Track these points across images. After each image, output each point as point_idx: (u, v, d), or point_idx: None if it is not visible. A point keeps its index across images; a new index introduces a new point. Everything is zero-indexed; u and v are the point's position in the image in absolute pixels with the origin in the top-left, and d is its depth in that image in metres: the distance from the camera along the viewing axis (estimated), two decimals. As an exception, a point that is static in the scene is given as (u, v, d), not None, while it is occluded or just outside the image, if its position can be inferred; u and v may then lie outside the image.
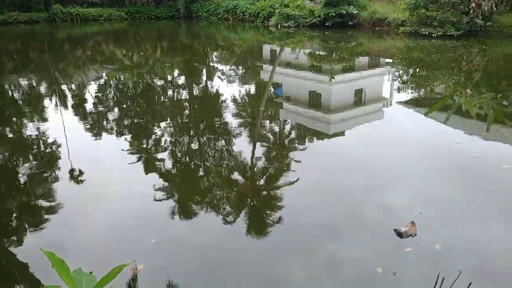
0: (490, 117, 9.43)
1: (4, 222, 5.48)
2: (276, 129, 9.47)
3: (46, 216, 5.49)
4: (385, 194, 5.88)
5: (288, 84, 14.66)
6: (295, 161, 7.23)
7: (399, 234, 4.79)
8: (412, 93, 12.66)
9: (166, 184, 6.45)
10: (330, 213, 5.36)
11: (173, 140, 8.65)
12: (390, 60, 18.23)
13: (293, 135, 9.16)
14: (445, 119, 9.58)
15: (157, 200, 5.87)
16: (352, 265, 4.30)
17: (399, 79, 14.60)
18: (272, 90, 13.52)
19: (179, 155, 7.88)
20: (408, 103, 11.13)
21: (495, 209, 5.43)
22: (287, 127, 9.76)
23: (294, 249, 4.57)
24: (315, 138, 8.85)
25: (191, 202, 5.86)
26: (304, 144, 8.30)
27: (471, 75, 14.73)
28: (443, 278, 3.82)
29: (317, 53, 20.61)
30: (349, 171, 6.70)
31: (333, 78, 14.27)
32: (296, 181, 6.36)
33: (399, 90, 12.83)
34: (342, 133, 9.32)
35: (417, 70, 16.19)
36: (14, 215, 5.66)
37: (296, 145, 8.29)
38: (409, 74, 15.60)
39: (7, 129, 9.67)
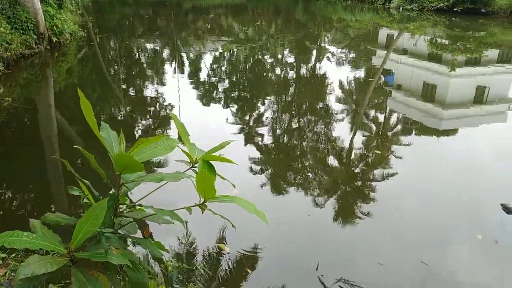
0: None
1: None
2: (381, 118, 9.12)
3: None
4: (489, 206, 5.38)
5: (401, 72, 13.88)
6: (395, 156, 6.93)
7: (507, 209, 4.90)
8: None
9: (262, 157, 6.70)
10: (429, 216, 5.09)
11: (274, 117, 8.85)
12: (526, 57, 16.08)
13: (398, 127, 8.73)
14: None
15: (252, 171, 6.14)
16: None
17: (534, 79, 12.89)
18: (383, 77, 12.94)
19: (278, 132, 8.07)
20: (540, 108, 9.83)
21: None
22: (393, 117, 9.33)
23: (382, 242, 4.47)
24: (422, 134, 8.34)
25: (282, 177, 6.01)
26: (409, 138, 7.88)
27: None
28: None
29: (439, 41, 19.05)
30: (456, 175, 6.22)
31: (454, 70, 13.14)
32: (393, 175, 6.12)
33: (531, 92, 11.36)
34: (454, 132, 8.63)
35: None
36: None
37: (400, 138, 7.90)
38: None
39: (132, 87, 10.78)
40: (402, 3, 28.96)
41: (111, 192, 1.70)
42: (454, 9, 26.67)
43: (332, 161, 6.71)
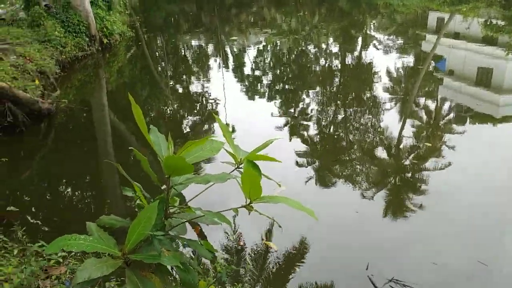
0: None
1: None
2: (432, 107, 8.74)
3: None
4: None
5: (453, 57, 13.20)
6: (448, 146, 6.63)
7: None
8: None
9: (308, 151, 6.65)
10: (486, 211, 4.84)
11: (319, 108, 8.74)
12: None
13: (451, 115, 8.33)
14: None
15: (298, 165, 6.11)
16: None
17: None
18: (433, 63, 12.38)
19: (323, 124, 7.96)
20: None
21: None
22: (446, 105, 8.92)
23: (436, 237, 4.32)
24: (477, 122, 7.92)
25: (329, 172, 5.93)
26: (463, 127, 7.50)
27: None
28: None
29: (494, 22, 17.90)
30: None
31: (511, 53, 12.31)
32: (446, 167, 5.86)
33: None
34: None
35: None
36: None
37: (454, 127, 7.53)
38: None
39: (178, 84, 11.05)
40: (453, -17, 27.40)
41: (161, 194, 1.77)
42: (512, -13, 24.88)
43: (381, 153, 6.53)
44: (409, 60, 12.74)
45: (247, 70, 12.06)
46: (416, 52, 13.79)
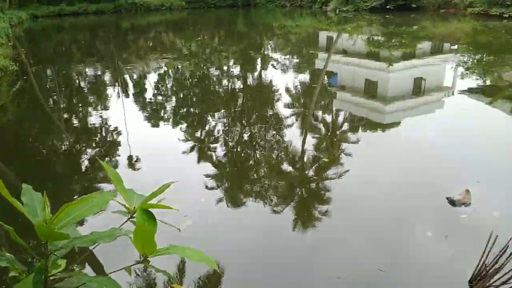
0: None
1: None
2: (329, 119, 9.31)
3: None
4: (435, 198, 5.59)
5: (343, 72, 14.31)
6: (345, 153, 7.09)
7: (452, 202, 5.00)
8: (477, 80, 11.85)
9: (215, 173, 6.61)
10: (380, 208, 5.21)
11: (225, 129, 8.81)
12: (455, 46, 17.13)
13: (346, 125, 8.96)
14: (513, 110, 8.90)
15: (206, 188, 6.03)
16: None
17: (464, 65, 13.71)
18: (327, 79, 13.26)
19: (230, 144, 8.02)
20: (472, 92, 10.44)
21: None
22: (340, 117, 9.56)
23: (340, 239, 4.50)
24: (369, 129, 8.60)
25: (239, 189, 5.95)
26: (357, 135, 8.10)
27: (548, 61, 13.47)
28: (496, 237, 3.47)
29: (375, 38, 19.85)
30: (403, 163, 6.45)
31: (391, 65, 13.71)
32: (346, 172, 6.24)
33: (463, 77, 12.06)
34: (397, 124, 8.98)
35: (485, 55, 15.09)
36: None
37: (349, 135, 8.10)
38: (475, 60, 14.58)
39: (73, 116, 10.36)
40: (338, 5, 29.95)
41: (40, 262, 1.56)
42: (387, 7, 27.91)
43: (287, 168, 6.73)
44: (305, 77, 13.50)
45: (149, 97, 11.77)
46: (311, 69, 14.69)
